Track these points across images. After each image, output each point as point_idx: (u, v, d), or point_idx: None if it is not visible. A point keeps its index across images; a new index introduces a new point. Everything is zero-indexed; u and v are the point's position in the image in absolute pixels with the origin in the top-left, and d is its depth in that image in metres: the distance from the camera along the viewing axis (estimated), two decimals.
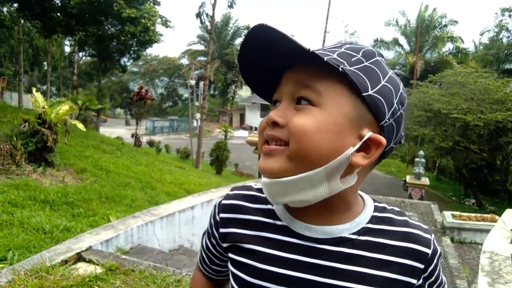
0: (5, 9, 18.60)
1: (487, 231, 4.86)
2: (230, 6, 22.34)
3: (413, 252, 0.66)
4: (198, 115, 24.53)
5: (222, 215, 0.75)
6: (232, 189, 0.79)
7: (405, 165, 24.28)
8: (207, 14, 23.07)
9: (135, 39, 14.64)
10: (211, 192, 4.42)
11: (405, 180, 14.77)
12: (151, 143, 22.67)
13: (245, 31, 30.37)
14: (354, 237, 0.65)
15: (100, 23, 14.50)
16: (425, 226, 0.72)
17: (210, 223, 0.79)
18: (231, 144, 21.76)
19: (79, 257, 3.03)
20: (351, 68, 0.61)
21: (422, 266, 0.67)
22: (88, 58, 30.15)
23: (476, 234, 8.14)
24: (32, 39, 26.18)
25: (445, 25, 29.18)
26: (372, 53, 0.65)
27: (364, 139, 0.62)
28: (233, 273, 0.72)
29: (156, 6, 14.60)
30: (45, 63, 31.79)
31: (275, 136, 0.62)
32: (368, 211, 0.69)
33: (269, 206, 0.72)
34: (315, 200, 0.62)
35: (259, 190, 0.75)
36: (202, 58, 45.22)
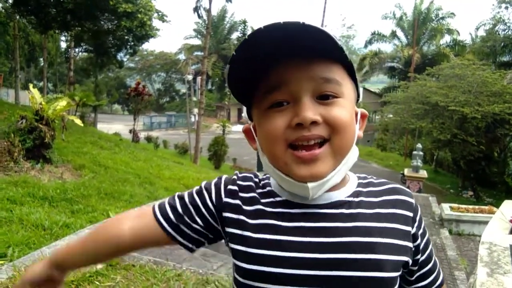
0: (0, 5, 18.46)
1: (485, 223, 4.89)
2: (228, 1, 22.26)
3: (401, 202, 0.74)
4: (195, 110, 24.48)
5: (231, 187, 0.75)
6: (240, 173, 0.80)
7: (403, 158, 24.35)
8: (204, 8, 22.96)
9: (132, 34, 14.58)
10: None
11: (403, 173, 14.82)
12: (149, 139, 22.63)
13: (242, 26, 30.21)
14: (350, 199, 0.71)
15: (96, 18, 14.42)
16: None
17: (211, 188, 0.77)
18: (229, 139, 21.75)
19: None
20: (346, 53, 0.64)
21: (411, 214, 0.74)
22: (84, 53, 29.99)
23: (474, 226, 8.19)
24: (28, 35, 25.97)
25: (442, 18, 29.16)
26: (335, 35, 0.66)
27: (359, 117, 0.71)
28: (236, 250, 0.70)
29: (153, 1, 14.54)
30: (41, 59, 31.61)
31: (317, 135, 0.62)
32: (354, 180, 0.75)
33: (267, 188, 0.74)
34: (340, 180, 0.69)
35: (256, 175, 0.79)
36: (199, 53, 45.07)
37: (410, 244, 0.71)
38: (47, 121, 7.68)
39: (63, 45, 32.35)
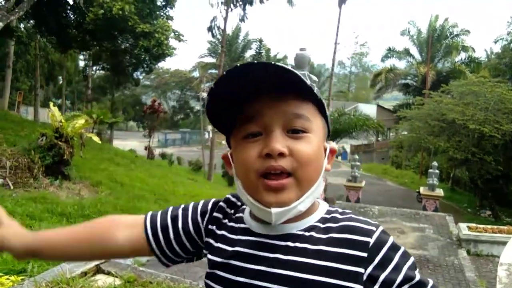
0: (21, 25, 19.10)
1: (504, 243, 4.79)
2: (242, 20, 22.64)
3: (350, 241, 0.70)
4: (209, 127, 24.66)
5: (215, 214, 0.83)
6: (231, 194, 0.87)
7: (418, 176, 24.02)
8: (218, 28, 23.39)
9: (149, 53, 14.93)
10: None
11: (419, 192, 14.61)
12: (163, 156, 22.83)
13: (257, 44, 30.62)
14: (300, 233, 0.72)
15: (114, 38, 14.82)
16: (373, 222, 0.75)
17: (198, 211, 0.85)
18: None
19: (98, 269, 3.09)
20: (319, 94, 0.70)
21: (364, 255, 0.69)
22: (101, 72, 30.68)
23: (493, 246, 8.00)
24: (48, 54, 26.75)
25: (457, 35, 29.07)
26: (309, 74, 0.76)
27: (328, 152, 0.75)
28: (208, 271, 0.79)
29: (169, 21, 14.90)
30: (60, 77, 32.43)
31: (281, 167, 0.67)
32: (319, 214, 0.76)
33: (240, 214, 0.81)
34: (305, 209, 0.71)
35: (238, 198, 0.84)
36: (213, 71, 45.64)
37: (356, 286, 0.68)
38: (66, 139, 7.85)
39: (81, 63, 33.13)
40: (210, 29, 19.76)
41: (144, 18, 13.60)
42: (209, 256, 0.79)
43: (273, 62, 0.65)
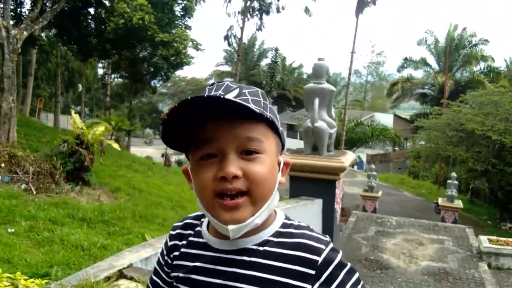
0: (43, 33, 19.61)
1: None
2: (259, 29, 22.81)
3: (300, 259, 0.74)
4: None
5: (171, 244, 0.89)
6: (188, 216, 0.93)
7: (436, 186, 23.63)
8: (234, 36, 23.58)
9: (167, 62, 15.15)
10: None
11: (437, 203, 14.37)
12: (179, 163, 23.04)
13: (273, 53, 30.76)
14: (255, 247, 0.77)
15: (134, 47, 15.11)
16: (325, 238, 0.78)
17: (162, 262, 0.91)
18: None
19: (120, 274, 3.13)
20: (269, 114, 0.74)
21: (312, 272, 0.73)
22: (119, 80, 31.21)
23: None
24: (68, 62, 27.40)
25: (476, 44, 28.69)
26: (263, 94, 0.78)
27: (282, 165, 0.79)
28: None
29: (187, 30, 15.12)
30: (79, 85, 33.12)
31: (236, 189, 0.71)
32: (274, 227, 0.79)
33: (198, 228, 0.86)
34: (261, 222, 0.76)
35: (194, 217, 0.90)
36: (229, 79, 46.01)
37: None
38: (87, 145, 8.00)
39: (100, 71, 33.78)
40: (226, 37, 19.92)
41: (163, 28, 13.85)
42: (172, 274, 0.85)
43: (221, 95, 0.70)
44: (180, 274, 0.82)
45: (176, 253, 0.86)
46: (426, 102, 30.82)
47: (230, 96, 0.73)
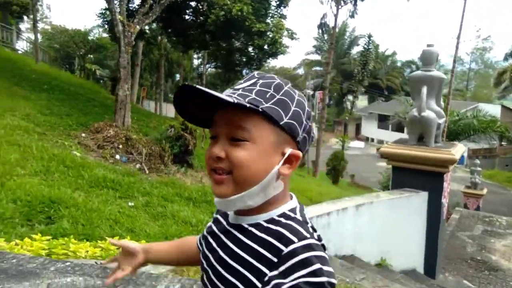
0: (146, 27, 21.25)
1: None
2: (352, 16, 22.17)
3: (270, 245, 0.78)
4: (313, 125, 24.55)
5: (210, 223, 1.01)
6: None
7: None
8: (327, 24, 23.19)
9: (262, 51, 15.48)
10: (345, 201, 4.48)
11: None
12: None
13: (364, 40, 29.70)
14: (246, 226, 0.84)
15: (231, 38, 15.67)
16: (304, 233, 0.77)
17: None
18: (347, 155, 21.39)
19: None
20: (268, 105, 0.79)
21: (275, 260, 0.76)
22: (213, 69, 32.62)
23: None
24: (168, 53, 29.36)
25: None
26: (280, 85, 0.82)
27: (285, 156, 0.81)
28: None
29: (283, 20, 15.26)
30: (177, 74, 35.33)
31: (220, 167, 0.80)
32: (271, 213, 0.84)
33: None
34: (256, 205, 0.82)
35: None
36: (318, 68, 45.40)
37: (258, 284, 0.77)
38: (191, 131, 8.58)
39: (196, 62, 35.62)
40: (320, 26, 19.74)
41: (260, 18, 14.13)
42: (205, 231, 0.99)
43: (206, 90, 0.76)
44: (205, 233, 0.97)
45: (215, 216, 0.99)
46: None
47: (245, 85, 0.82)
